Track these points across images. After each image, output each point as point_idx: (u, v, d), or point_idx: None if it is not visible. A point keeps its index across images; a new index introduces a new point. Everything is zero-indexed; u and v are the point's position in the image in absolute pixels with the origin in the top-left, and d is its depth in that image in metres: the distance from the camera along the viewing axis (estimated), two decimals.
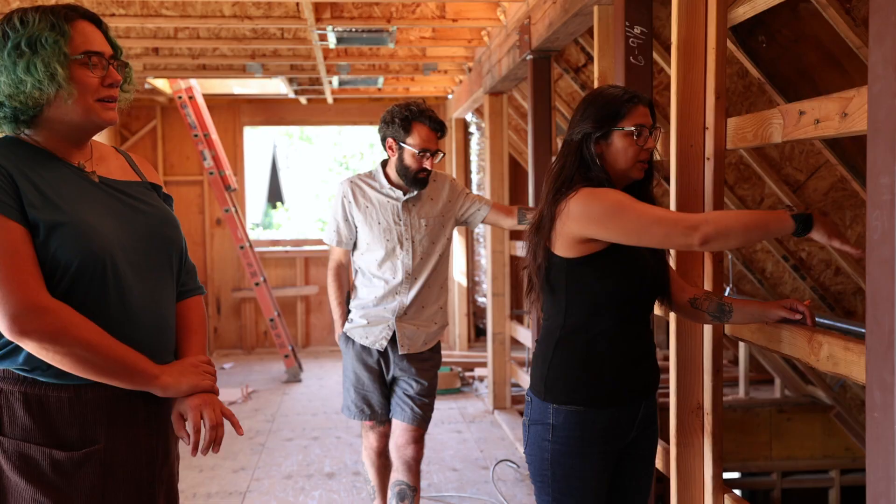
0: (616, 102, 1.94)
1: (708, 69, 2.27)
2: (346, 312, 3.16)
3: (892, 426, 1.30)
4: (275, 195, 18.65)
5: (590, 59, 4.66)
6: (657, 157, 2.09)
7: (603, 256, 1.91)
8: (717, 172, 2.25)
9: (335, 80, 6.70)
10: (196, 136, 7.08)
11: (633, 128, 1.92)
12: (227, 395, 6.21)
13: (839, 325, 3.28)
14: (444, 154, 3.16)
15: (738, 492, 5.71)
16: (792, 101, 2.25)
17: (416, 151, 2.93)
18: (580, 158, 1.94)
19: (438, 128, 2.97)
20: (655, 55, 3.53)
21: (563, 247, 1.93)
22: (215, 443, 1.60)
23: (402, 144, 2.95)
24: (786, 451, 5.62)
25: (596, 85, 3.38)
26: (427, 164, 2.95)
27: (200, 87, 7.42)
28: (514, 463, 4.39)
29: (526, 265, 2.05)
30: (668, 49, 3.47)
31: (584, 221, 1.86)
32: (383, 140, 3.03)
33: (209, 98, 7.74)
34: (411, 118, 2.94)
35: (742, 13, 2.62)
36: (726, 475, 5.52)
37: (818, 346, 1.83)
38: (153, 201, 1.73)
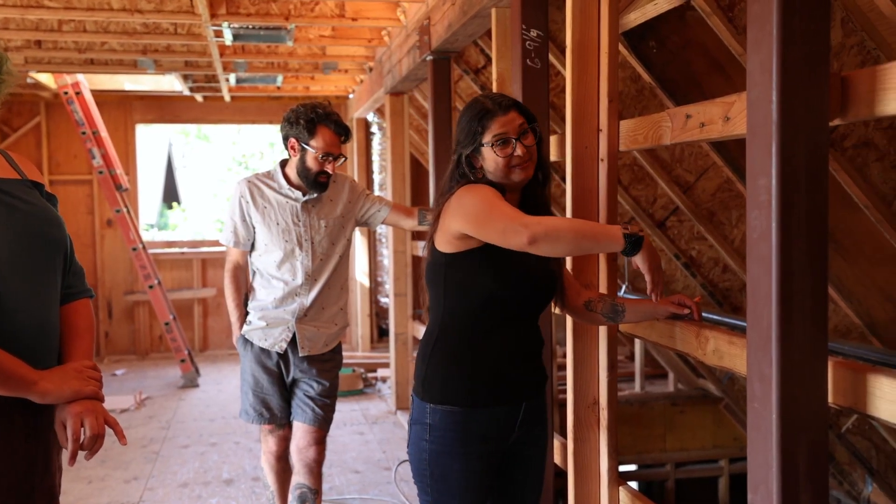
0: (478, 117, 1.94)
1: (601, 73, 2.32)
2: (243, 315, 3.09)
3: (770, 416, 1.36)
4: (170, 195, 18.08)
5: (489, 60, 4.71)
6: (554, 157, 2.12)
7: (479, 253, 1.90)
8: (610, 173, 2.31)
9: (232, 77, 6.55)
10: (84, 133, 6.79)
11: (492, 138, 1.92)
12: (118, 402, 5.98)
13: (726, 320, 3.42)
14: (346, 158, 3.13)
15: (634, 484, 5.91)
16: (681, 105, 2.33)
17: (319, 154, 2.89)
18: (462, 172, 1.97)
19: (343, 132, 2.94)
20: (552, 58, 3.60)
21: (442, 242, 1.93)
22: (92, 451, 1.54)
23: (305, 146, 2.91)
24: (679, 442, 5.82)
25: (494, 87, 3.42)
26: (329, 168, 2.92)
27: (89, 82, 7.12)
28: None
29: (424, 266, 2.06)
30: (564, 52, 3.55)
31: (457, 215, 1.88)
32: (285, 139, 2.97)
33: (98, 94, 7.43)
34: (316, 120, 2.89)
35: (633, 19, 2.70)
36: (623, 468, 5.69)
37: (705, 341, 1.90)
38: (34, 200, 1.64)
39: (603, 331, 2.38)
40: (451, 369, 1.96)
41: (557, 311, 2.20)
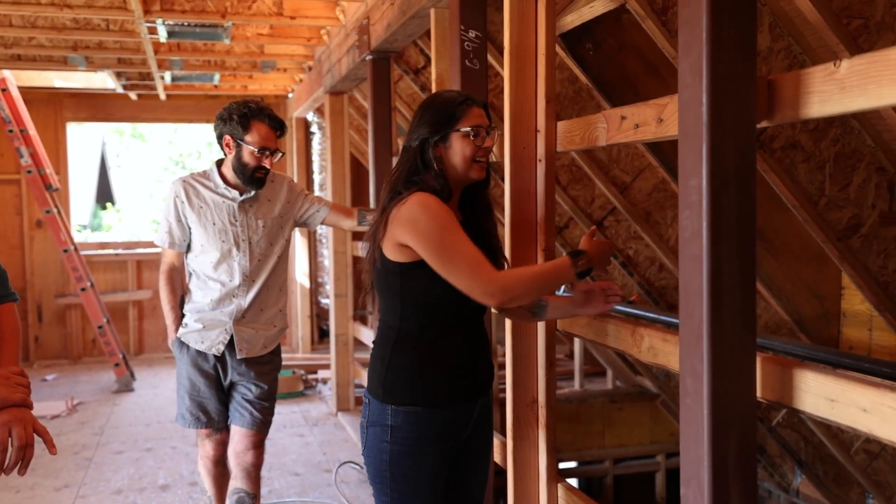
0: (451, 105, 1.96)
1: (539, 74, 2.34)
2: (179, 317, 3.03)
3: (701, 411, 1.39)
4: (104, 195, 17.63)
5: (429, 61, 4.72)
6: (493, 158, 2.14)
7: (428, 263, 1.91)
8: (548, 173, 2.34)
9: (168, 75, 6.41)
10: (11, 131, 6.57)
11: (469, 128, 1.94)
12: (49, 408, 5.81)
13: (662, 318, 3.49)
14: (284, 153, 3.10)
15: (574, 480, 5.98)
16: (616, 107, 2.37)
17: (255, 149, 2.85)
18: (418, 163, 1.96)
19: (278, 126, 2.91)
20: (491, 59, 3.62)
21: (394, 251, 1.93)
22: (23, 463, 1.48)
23: (241, 142, 2.87)
24: (617, 438, 5.91)
25: (434, 87, 3.43)
26: (266, 163, 2.88)
27: (16, 79, 6.88)
28: (357, 464, 4.37)
29: (366, 268, 2.05)
30: (503, 53, 3.57)
31: (408, 228, 1.87)
32: (220, 138, 2.92)
33: (27, 91, 7.19)
34: (250, 115, 2.86)
35: (570, 21, 2.73)
36: (563, 465, 5.76)
37: (640, 339, 1.94)
38: None
39: (541, 330, 2.40)
40: (412, 370, 1.96)
41: (494, 309, 2.22)
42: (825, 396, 1.37)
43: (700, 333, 1.40)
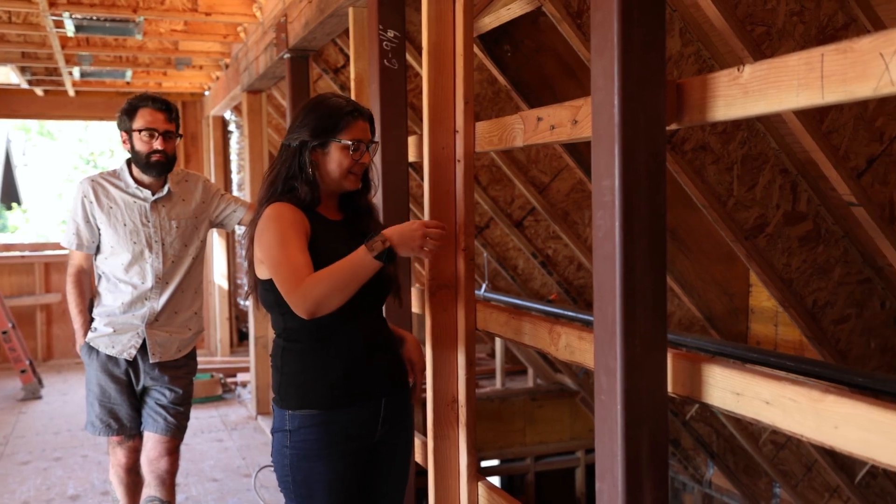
0: (337, 114, 1.96)
1: (457, 75, 2.35)
2: (88, 321, 2.92)
3: (615, 407, 1.42)
4: (9, 195, 16.86)
5: (348, 60, 4.68)
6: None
7: None
8: (467, 174, 2.35)
9: (76, 71, 6.19)
10: None
11: (350, 141, 1.96)
12: None
13: (580, 316, 3.55)
14: (182, 136, 3.05)
15: (496, 478, 6.03)
16: (534, 108, 2.40)
17: (142, 130, 2.80)
18: (294, 165, 1.96)
19: (164, 107, 2.87)
20: (411, 59, 3.61)
21: (259, 268, 1.97)
22: None
23: (131, 132, 2.81)
24: (538, 436, 5.99)
25: (353, 87, 3.40)
26: (157, 145, 2.82)
27: None
28: None
29: (247, 269, 2.07)
30: (422, 54, 3.57)
31: (259, 245, 1.93)
32: (121, 138, 2.88)
33: None
34: (135, 104, 2.84)
35: (488, 23, 2.75)
36: (486, 463, 5.80)
37: (557, 337, 1.96)
38: None
39: (461, 330, 2.41)
40: (304, 374, 1.96)
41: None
42: (731, 390, 1.41)
43: (613, 331, 1.43)
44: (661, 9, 1.42)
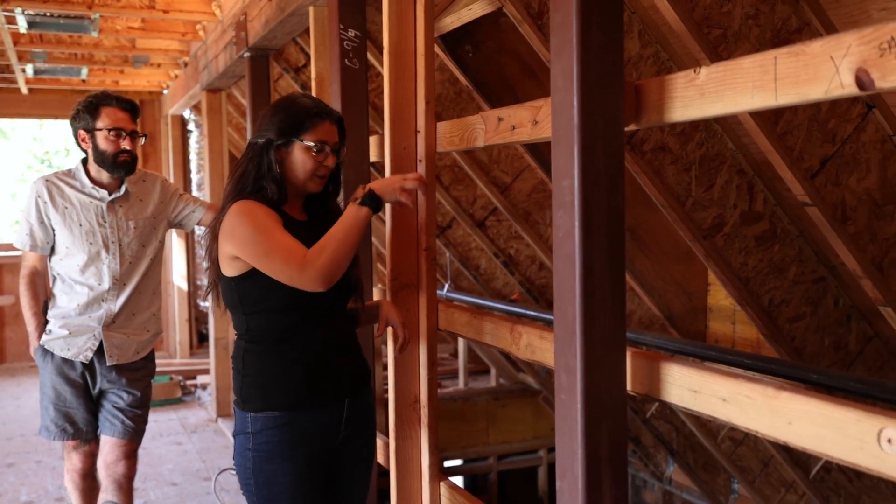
0: (302, 114, 1.95)
1: (418, 75, 2.35)
2: (42, 323, 2.87)
3: (575, 405, 1.43)
4: None
5: (309, 59, 4.65)
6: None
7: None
8: (429, 174, 2.34)
9: (29, 68, 6.06)
10: None
11: (313, 143, 1.94)
12: None
13: (542, 315, 3.57)
14: (146, 136, 3.01)
15: (459, 478, 6.04)
16: (495, 108, 2.40)
17: (108, 130, 2.75)
18: (259, 164, 1.94)
19: (129, 107, 2.83)
20: (372, 59, 3.60)
21: (226, 266, 1.93)
22: None
23: (94, 131, 2.76)
24: (501, 435, 6.01)
25: (314, 86, 3.38)
26: (126, 145, 2.78)
27: None
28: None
29: (207, 266, 2.04)
30: (383, 53, 3.56)
31: (230, 240, 1.89)
32: (76, 138, 2.82)
33: None
34: (97, 103, 2.79)
35: (449, 23, 2.76)
36: (449, 463, 5.80)
37: (518, 337, 1.97)
38: None
39: (423, 329, 2.40)
40: (266, 376, 1.95)
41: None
42: (689, 388, 1.43)
43: (573, 330, 1.44)
44: (619, 11, 1.44)
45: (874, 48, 1.00)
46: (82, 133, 2.80)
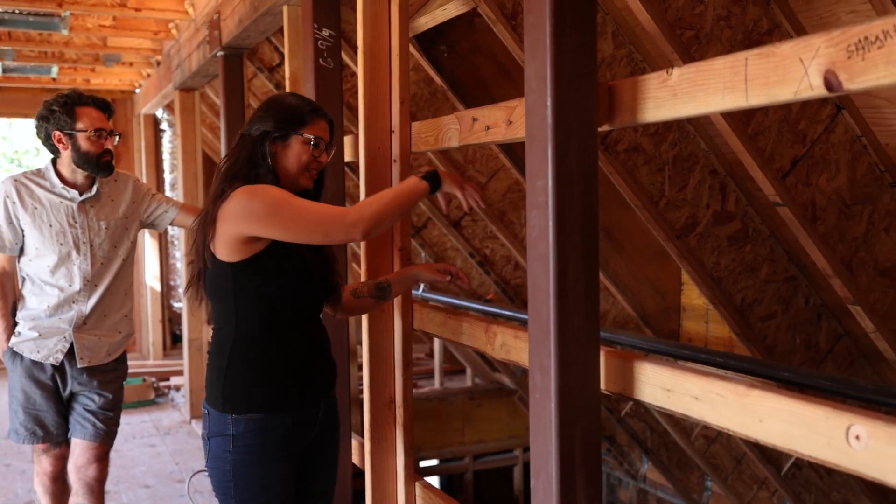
0: (301, 109, 1.97)
1: (393, 75, 2.35)
2: (11, 325, 2.82)
3: (549, 405, 1.44)
4: None
5: (283, 58, 4.63)
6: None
7: (265, 257, 1.88)
8: (403, 174, 2.34)
9: None
10: None
11: (312, 137, 1.95)
12: None
13: (517, 315, 3.58)
14: (121, 135, 2.98)
15: (435, 478, 6.04)
16: (470, 108, 2.41)
17: (91, 134, 2.72)
18: (253, 155, 1.92)
19: (105, 107, 2.81)
20: (347, 59, 3.59)
21: (225, 251, 1.88)
22: None
23: (73, 133, 2.72)
24: (477, 435, 6.02)
25: (288, 85, 3.37)
26: (108, 145, 2.76)
27: None
28: None
29: (190, 261, 2.00)
30: (358, 53, 3.55)
31: (244, 220, 1.83)
32: (48, 139, 2.77)
33: None
34: (72, 103, 2.74)
35: (424, 23, 2.76)
36: (425, 463, 5.80)
37: (493, 336, 1.98)
38: None
39: (398, 329, 2.40)
40: (251, 376, 1.92)
41: (339, 315, 2.20)
42: (662, 387, 1.44)
43: (547, 330, 1.44)
44: (592, 12, 1.44)
45: (842, 50, 1.02)
46: (58, 134, 2.74)
